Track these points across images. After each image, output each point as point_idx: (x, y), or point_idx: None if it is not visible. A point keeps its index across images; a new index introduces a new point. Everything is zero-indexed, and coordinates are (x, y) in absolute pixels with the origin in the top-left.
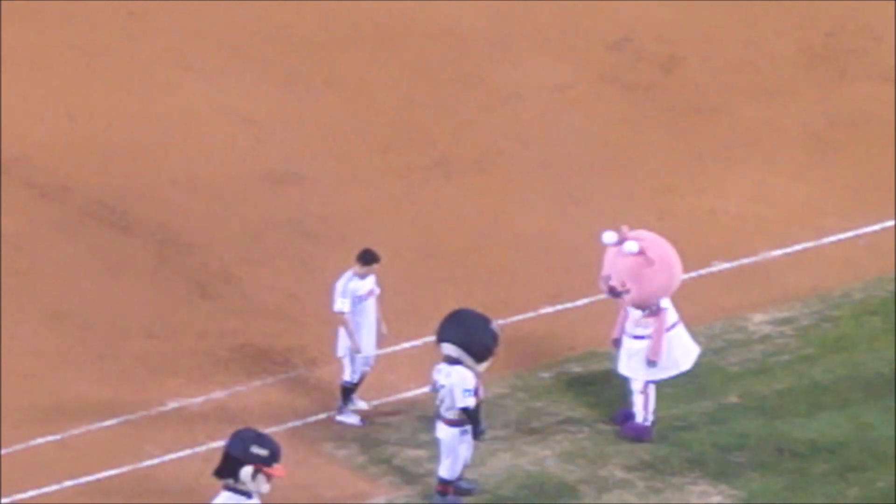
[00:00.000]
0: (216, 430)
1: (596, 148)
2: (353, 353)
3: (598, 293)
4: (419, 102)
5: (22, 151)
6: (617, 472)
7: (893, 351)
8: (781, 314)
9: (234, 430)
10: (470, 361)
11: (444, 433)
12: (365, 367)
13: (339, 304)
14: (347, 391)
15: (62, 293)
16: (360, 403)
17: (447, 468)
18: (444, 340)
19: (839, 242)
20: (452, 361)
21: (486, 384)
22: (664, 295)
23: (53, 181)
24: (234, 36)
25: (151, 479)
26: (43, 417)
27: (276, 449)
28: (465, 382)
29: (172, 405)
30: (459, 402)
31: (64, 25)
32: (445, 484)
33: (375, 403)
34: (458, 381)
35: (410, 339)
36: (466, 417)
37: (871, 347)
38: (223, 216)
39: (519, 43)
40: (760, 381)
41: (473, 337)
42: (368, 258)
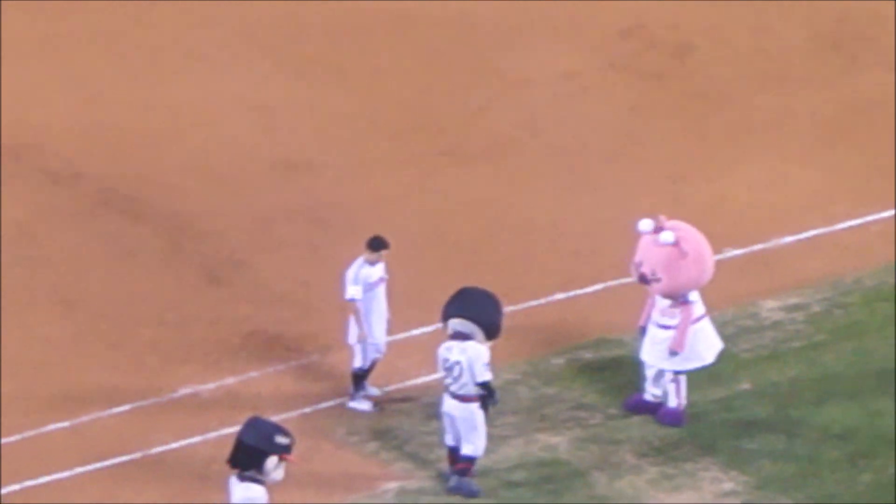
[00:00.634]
0: (228, 416)
1: (607, 135)
2: (362, 339)
3: (609, 280)
4: (430, 91)
5: (34, 139)
6: (629, 458)
7: None
8: (793, 301)
9: (245, 416)
10: (481, 336)
11: (459, 410)
12: (376, 353)
13: (350, 291)
14: (359, 378)
15: (73, 281)
16: (371, 390)
17: (473, 443)
18: (454, 316)
19: (851, 229)
20: (463, 338)
21: (497, 371)
22: (694, 288)
23: (65, 168)
24: (245, 25)
25: (163, 465)
26: (54, 404)
27: (293, 438)
28: (482, 356)
29: (184, 392)
30: (480, 376)
31: (76, 14)
32: (468, 461)
33: (387, 390)
34: (475, 355)
35: (421, 325)
36: (483, 393)
37: (882, 335)
38: (235, 204)
39: (529, 30)
40: (772, 367)
41: (484, 313)
42: (377, 245)
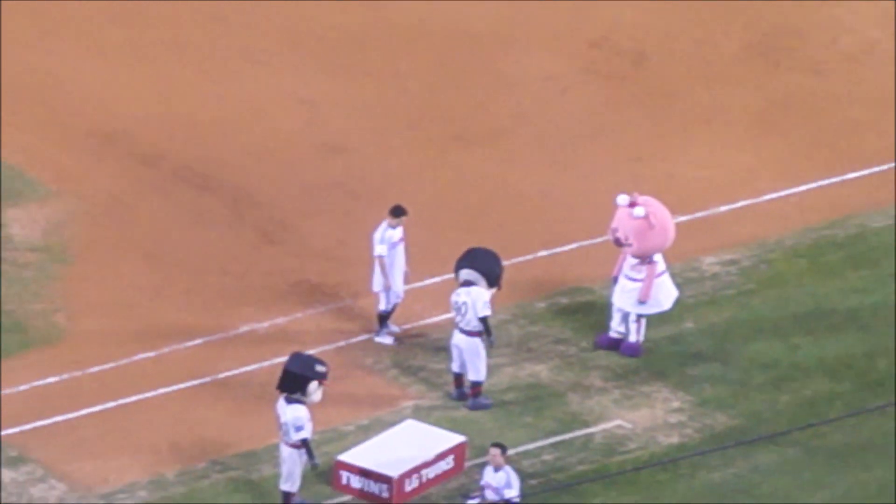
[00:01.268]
0: (279, 349)
1: (581, 125)
2: (385, 288)
3: (583, 240)
4: (440, 88)
5: (126, 127)
6: (597, 382)
7: (817, 286)
8: (728, 257)
9: (292, 349)
10: (483, 285)
11: (465, 343)
12: (396, 299)
13: (378, 248)
14: (383, 318)
15: (156, 240)
16: (393, 328)
17: (477, 371)
18: (464, 268)
19: (774, 200)
20: (470, 284)
21: (494, 314)
22: (658, 251)
23: (151, 151)
24: (293, 35)
25: (227, 387)
26: (141, 339)
27: (329, 366)
28: (483, 296)
29: (244, 329)
30: (481, 311)
31: (159, 25)
32: (477, 386)
33: (405, 328)
34: (477, 296)
35: (433, 276)
36: (483, 328)
37: (799, 283)
38: (284, 178)
39: (519, 41)
40: (711, 310)
41: (486, 265)
42: (398, 212)
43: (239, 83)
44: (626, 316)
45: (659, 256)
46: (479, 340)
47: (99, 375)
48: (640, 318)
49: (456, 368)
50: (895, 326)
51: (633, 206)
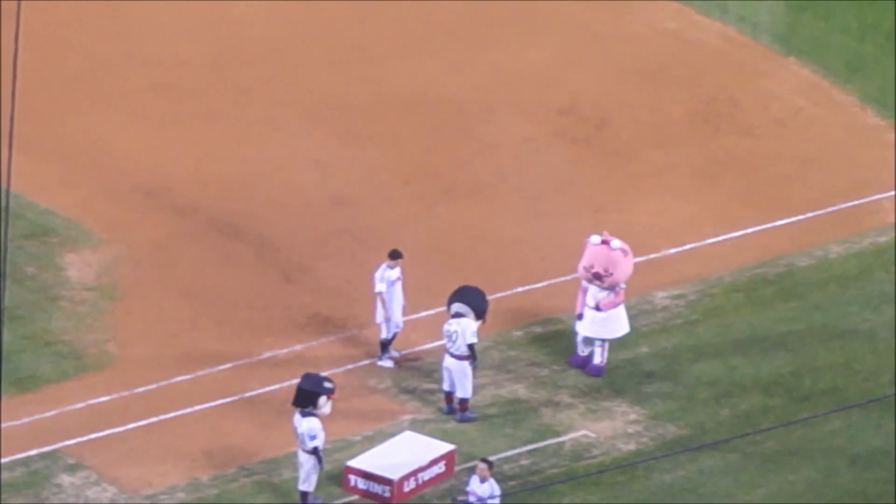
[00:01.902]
0: (297, 371)
1: (551, 180)
2: (386, 319)
3: (554, 278)
4: (432, 149)
5: (165, 183)
6: (566, 398)
7: (752, 316)
8: (676, 292)
9: (308, 372)
10: (472, 316)
11: (455, 366)
12: (396, 329)
13: (378, 286)
14: (384, 345)
15: (193, 279)
16: (393, 353)
17: (465, 390)
18: (455, 302)
19: (715, 243)
20: (460, 316)
21: (479, 341)
22: (627, 278)
23: (187, 204)
24: (308, 105)
25: (253, 404)
26: (181, 363)
27: (335, 383)
28: (471, 326)
29: (267, 355)
30: (469, 339)
31: (194, 96)
32: (465, 402)
33: (404, 353)
34: (466, 326)
35: (427, 309)
36: (470, 353)
37: (737, 314)
38: (301, 227)
39: (499, 108)
40: (662, 337)
41: (475, 300)
42: (396, 255)
43: (262, 146)
44: (589, 341)
45: (623, 286)
46: (466, 363)
47: (144, 395)
48: (604, 342)
49: (447, 387)
50: (818, 349)
51: (605, 243)
